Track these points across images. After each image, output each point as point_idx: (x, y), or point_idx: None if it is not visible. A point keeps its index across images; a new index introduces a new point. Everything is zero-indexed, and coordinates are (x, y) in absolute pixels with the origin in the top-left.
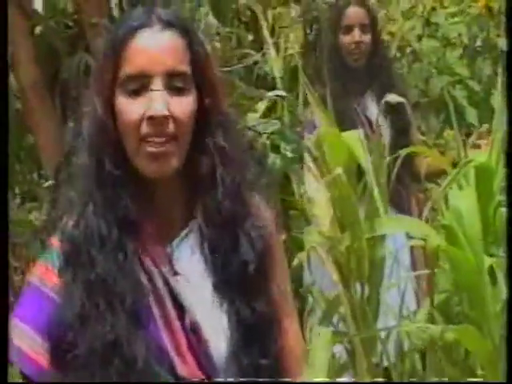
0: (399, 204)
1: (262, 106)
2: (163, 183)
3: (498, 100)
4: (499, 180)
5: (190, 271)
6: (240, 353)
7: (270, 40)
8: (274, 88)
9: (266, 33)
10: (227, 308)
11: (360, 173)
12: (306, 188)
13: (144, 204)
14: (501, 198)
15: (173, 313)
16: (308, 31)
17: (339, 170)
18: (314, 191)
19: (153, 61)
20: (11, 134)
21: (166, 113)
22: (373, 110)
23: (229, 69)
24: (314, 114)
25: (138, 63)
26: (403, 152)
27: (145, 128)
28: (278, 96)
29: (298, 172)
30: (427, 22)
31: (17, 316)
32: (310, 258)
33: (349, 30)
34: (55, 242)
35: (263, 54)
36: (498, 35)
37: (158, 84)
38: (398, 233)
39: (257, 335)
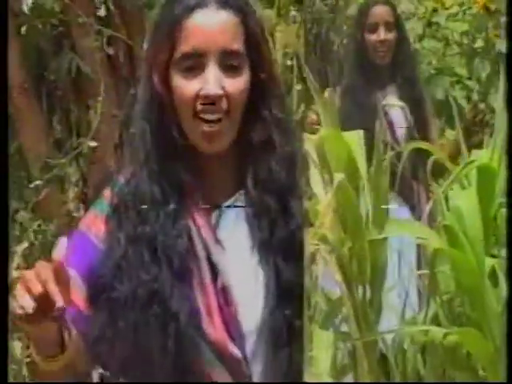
0: (409, 199)
1: None
2: (216, 155)
3: (498, 101)
4: (501, 181)
5: (233, 238)
6: (275, 313)
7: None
8: None
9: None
10: (267, 272)
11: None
12: (308, 188)
13: (196, 173)
14: (503, 198)
15: (207, 275)
16: (308, 32)
17: (341, 176)
18: (316, 191)
19: (208, 40)
20: None
21: (220, 92)
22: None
23: None
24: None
25: (193, 42)
26: (405, 149)
27: (199, 105)
28: None
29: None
30: (428, 23)
31: (66, 259)
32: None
33: (374, 28)
34: (107, 193)
35: None
36: (497, 36)
37: (212, 62)
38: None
39: (294, 299)
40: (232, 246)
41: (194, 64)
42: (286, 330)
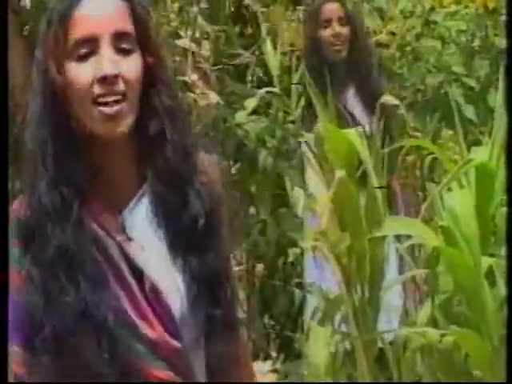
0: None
1: (250, 104)
2: (114, 147)
3: (498, 100)
4: (500, 179)
5: (144, 235)
6: (195, 306)
7: (266, 38)
8: (265, 86)
9: (263, 30)
10: (180, 264)
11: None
12: (306, 185)
13: (97, 172)
14: (502, 197)
15: (130, 277)
16: None
17: (341, 173)
18: (315, 189)
19: (99, 23)
20: None
21: (117, 72)
22: (354, 104)
23: (220, 67)
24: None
25: (84, 27)
26: (399, 144)
27: (97, 89)
28: (270, 93)
29: (288, 169)
30: (426, 22)
31: (10, 339)
32: (309, 257)
33: (327, 23)
34: (12, 241)
35: (253, 52)
36: (496, 34)
37: (105, 45)
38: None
39: (208, 288)
40: (145, 242)
41: (88, 50)
42: (207, 321)
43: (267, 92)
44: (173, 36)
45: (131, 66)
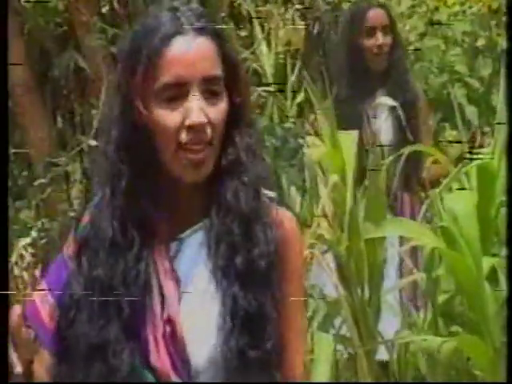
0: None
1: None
2: (189, 186)
3: (500, 100)
4: (502, 179)
5: (191, 267)
6: (229, 343)
7: (261, 36)
8: (261, 85)
9: (257, 30)
10: (224, 297)
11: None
12: (306, 187)
13: (162, 206)
14: (503, 197)
15: (158, 306)
16: (310, 30)
17: (335, 178)
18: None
19: (189, 68)
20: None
21: (205, 120)
22: (382, 112)
23: None
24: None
25: (174, 71)
26: (405, 150)
27: (184, 136)
28: (266, 92)
29: (288, 169)
30: (430, 21)
31: (45, 280)
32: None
33: (371, 32)
34: (84, 218)
35: (252, 52)
36: (499, 34)
37: (195, 91)
38: (396, 236)
39: (249, 327)
40: (191, 276)
41: (176, 93)
42: (241, 361)
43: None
44: None
45: (218, 112)
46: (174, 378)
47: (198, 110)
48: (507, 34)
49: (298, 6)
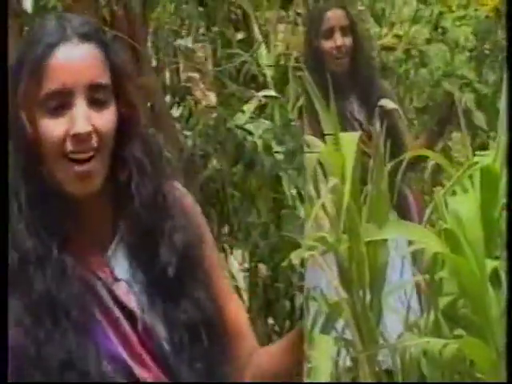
0: (401, 209)
1: (250, 106)
2: (88, 197)
3: (502, 103)
4: (505, 182)
5: (128, 276)
6: (178, 355)
7: (261, 39)
8: (263, 88)
9: (257, 32)
10: (158, 312)
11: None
12: (308, 189)
13: (73, 218)
14: (505, 200)
15: (121, 318)
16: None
17: (334, 181)
18: (316, 193)
19: (73, 76)
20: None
21: (90, 128)
22: (360, 112)
23: (219, 68)
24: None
25: (57, 79)
26: (407, 155)
27: (69, 145)
28: (267, 96)
29: (289, 172)
30: (435, 26)
31: None
32: (309, 261)
33: (329, 33)
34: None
35: (252, 55)
36: (505, 39)
37: (79, 98)
38: (400, 238)
39: (188, 338)
40: (131, 284)
41: (61, 102)
42: (192, 374)
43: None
44: (171, 36)
45: (105, 120)
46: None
47: (83, 118)
48: (507, 37)
49: (298, 10)
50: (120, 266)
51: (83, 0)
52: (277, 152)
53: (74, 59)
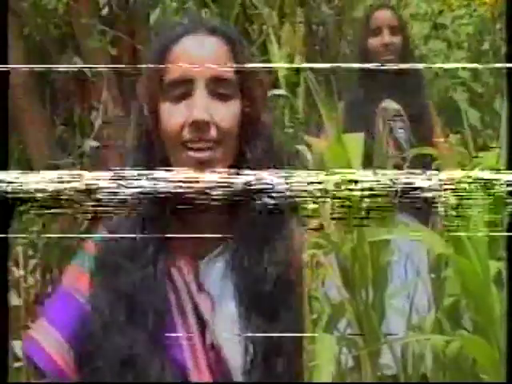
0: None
1: None
2: (203, 195)
3: (503, 104)
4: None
5: (218, 288)
6: (259, 369)
7: (273, 40)
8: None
9: (269, 32)
10: (251, 325)
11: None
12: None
13: (182, 218)
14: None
15: (195, 328)
16: (314, 35)
17: (337, 178)
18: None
19: (197, 65)
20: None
21: (208, 118)
22: (393, 117)
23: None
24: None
25: (181, 68)
26: (412, 153)
27: (187, 133)
28: (277, 95)
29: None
30: (434, 25)
31: (46, 317)
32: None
33: (377, 32)
34: (89, 245)
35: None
36: (503, 38)
37: (200, 88)
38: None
39: (279, 353)
40: (217, 296)
41: (183, 91)
42: None
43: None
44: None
45: (227, 114)
46: None
47: (201, 106)
48: (506, 37)
49: (301, 10)
50: (214, 276)
51: (84, 0)
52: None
53: (199, 50)
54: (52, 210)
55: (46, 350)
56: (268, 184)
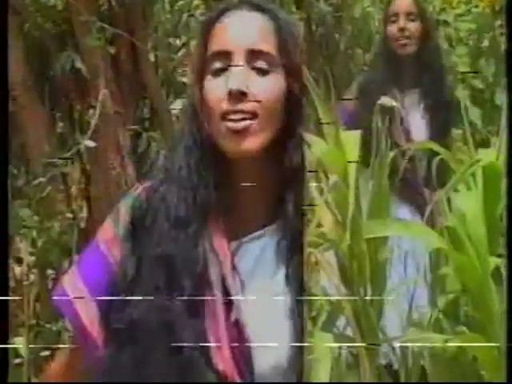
0: (420, 207)
1: None
2: (245, 170)
3: (504, 99)
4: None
5: (254, 268)
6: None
7: None
8: None
9: None
10: (295, 306)
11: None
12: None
13: (225, 193)
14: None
15: (220, 305)
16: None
17: (335, 178)
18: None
19: (236, 39)
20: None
21: (244, 89)
22: (413, 108)
23: None
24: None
25: (222, 41)
26: (412, 147)
27: (225, 105)
28: None
29: None
30: (436, 22)
31: (80, 272)
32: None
33: (395, 18)
34: (123, 209)
35: None
36: (503, 34)
37: (238, 60)
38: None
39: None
40: (254, 276)
41: (224, 63)
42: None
43: None
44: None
45: (265, 87)
46: (238, 380)
47: (237, 77)
48: (507, 34)
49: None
50: (250, 257)
51: None
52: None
53: (240, 24)
54: None
55: (73, 305)
56: None
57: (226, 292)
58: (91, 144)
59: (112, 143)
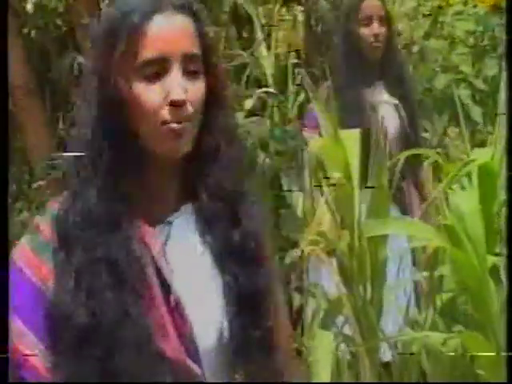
0: (401, 201)
1: (249, 105)
2: (168, 165)
3: (501, 99)
4: (503, 178)
5: (182, 250)
6: (234, 324)
7: (261, 37)
8: (263, 87)
9: (257, 30)
10: (225, 278)
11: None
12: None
13: (144, 185)
14: (504, 196)
15: (158, 291)
16: (311, 30)
17: (337, 175)
18: (315, 191)
19: (170, 45)
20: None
21: (185, 97)
22: (381, 101)
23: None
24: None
25: (156, 47)
26: (402, 155)
27: (166, 113)
28: (266, 93)
29: (288, 171)
30: (434, 21)
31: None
32: (311, 258)
33: (367, 21)
34: (44, 226)
35: (252, 53)
36: (503, 33)
37: (176, 67)
38: (400, 235)
39: (252, 307)
40: (183, 258)
41: (158, 70)
42: (246, 342)
43: (263, 92)
44: None
45: (197, 90)
46: (190, 364)
47: (179, 86)
48: (507, 33)
49: (299, 7)
50: (175, 238)
51: (84, 0)
52: (277, 151)
53: (170, 29)
54: None
55: (22, 351)
56: None
57: (161, 277)
58: None
59: None
